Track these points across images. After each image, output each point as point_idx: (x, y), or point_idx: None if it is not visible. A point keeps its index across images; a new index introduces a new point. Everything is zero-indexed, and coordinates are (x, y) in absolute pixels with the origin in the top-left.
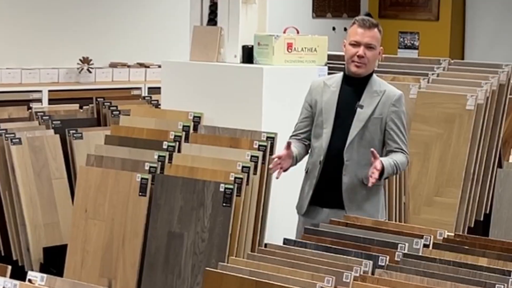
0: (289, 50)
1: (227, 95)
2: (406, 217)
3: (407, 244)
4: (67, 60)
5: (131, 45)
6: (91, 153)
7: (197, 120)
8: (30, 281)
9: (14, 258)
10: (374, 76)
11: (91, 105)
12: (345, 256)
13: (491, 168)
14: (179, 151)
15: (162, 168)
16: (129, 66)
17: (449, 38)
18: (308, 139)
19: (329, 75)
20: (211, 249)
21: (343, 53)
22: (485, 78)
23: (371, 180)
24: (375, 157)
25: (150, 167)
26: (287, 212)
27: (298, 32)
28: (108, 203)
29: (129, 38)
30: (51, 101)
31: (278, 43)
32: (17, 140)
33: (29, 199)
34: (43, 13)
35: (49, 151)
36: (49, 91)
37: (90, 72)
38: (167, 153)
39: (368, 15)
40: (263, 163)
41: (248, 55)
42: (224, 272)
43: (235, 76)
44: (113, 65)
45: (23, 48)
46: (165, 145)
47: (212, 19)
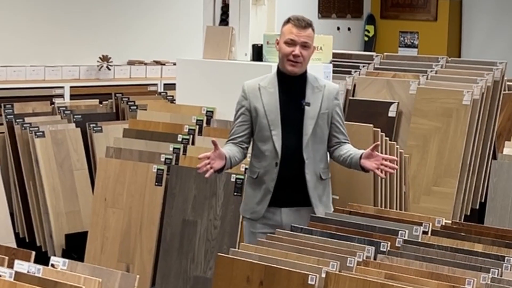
0: None
1: (238, 91)
2: (406, 205)
3: (407, 231)
4: (87, 58)
5: (148, 44)
6: (110, 146)
7: (209, 114)
8: (53, 266)
9: (38, 244)
10: (309, 72)
11: (110, 100)
12: (348, 242)
13: (486, 160)
14: (193, 143)
15: (177, 160)
16: (146, 64)
17: (446, 37)
18: (245, 142)
19: (260, 77)
20: (223, 235)
21: (278, 51)
22: (480, 75)
23: (392, 171)
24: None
25: (166, 158)
26: None
27: None
28: (126, 192)
29: (146, 37)
30: (72, 96)
31: None
32: (41, 133)
33: (52, 188)
34: (65, 14)
35: (70, 143)
36: (71, 87)
37: (109, 69)
38: (182, 145)
39: (370, 16)
40: None
41: (257, 53)
42: (235, 257)
43: (246, 73)
44: (131, 63)
45: (46, 46)
46: (179, 138)
47: (224, 20)
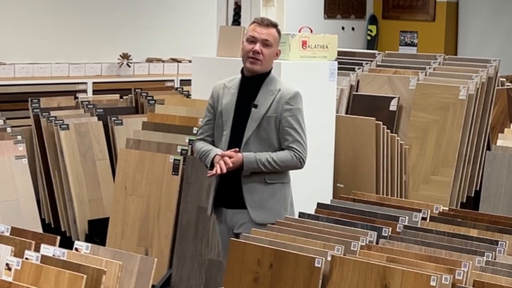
0: (304, 47)
1: None
2: (406, 193)
3: (407, 217)
4: (109, 55)
5: (165, 42)
6: (130, 137)
7: None
8: (76, 249)
9: (63, 230)
10: (272, 75)
11: (130, 95)
12: (353, 228)
13: (481, 151)
14: None
15: (192, 151)
16: (163, 61)
17: (444, 36)
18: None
19: (231, 77)
20: None
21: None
22: (475, 72)
23: (212, 172)
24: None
25: (182, 149)
26: (302, 190)
27: (311, 31)
28: (145, 181)
29: (164, 36)
30: (95, 92)
31: (294, 41)
32: (65, 126)
33: (75, 177)
34: (88, 15)
35: (93, 135)
36: (93, 83)
37: (129, 66)
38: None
39: (373, 16)
40: None
41: None
42: (247, 241)
43: None
44: (149, 60)
45: (70, 45)
46: (194, 130)
47: (236, 20)
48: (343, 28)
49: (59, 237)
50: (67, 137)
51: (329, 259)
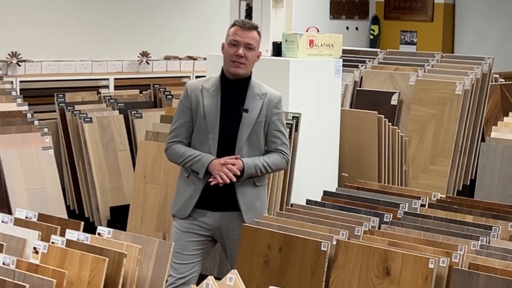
0: (311, 46)
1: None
2: (406, 182)
3: (407, 204)
4: (129, 53)
5: (182, 41)
6: (149, 130)
7: None
8: (99, 234)
9: (86, 216)
10: (253, 79)
11: (149, 90)
12: (356, 214)
13: (476, 142)
14: None
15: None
16: (180, 59)
17: (441, 35)
18: (190, 142)
19: (205, 77)
20: None
21: (223, 54)
22: (471, 69)
23: (216, 180)
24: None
25: None
26: (309, 179)
27: (318, 31)
28: (163, 170)
29: (180, 36)
30: (116, 87)
31: (302, 40)
32: (89, 119)
33: (98, 167)
34: (109, 16)
35: (114, 128)
36: (115, 79)
37: (148, 63)
38: None
39: (375, 17)
40: (289, 138)
41: (277, 49)
42: (258, 227)
43: (267, 67)
44: (167, 58)
45: (93, 44)
46: None
47: None
48: (347, 28)
49: (83, 223)
50: (90, 129)
51: (334, 243)
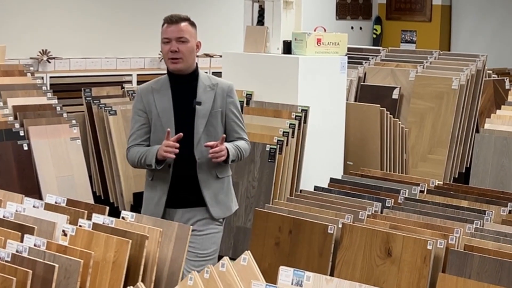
0: (318, 44)
1: (272, 78)
2: (406, 170)
3: (407, 190)
4: (150, 51)
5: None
6: None
7: (249, 96)
8: (123, 218)
9: (111, 201)
10: (201, 71)
11: None
12: (360, 199)
13: (470, 133)
14: None
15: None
16: (197, 56)
17: (439, 34)
18: (149, 144)
19: (154, 79)
20: (259, 194)
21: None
22: (466, 65)
23: (218, 159)
24: (221, 143)
25: None
26: (317, 167)
27: (325, 30)
28: None
29: (198, 34)
30: (138, 82)
31: (310, 38)
32: (113, 111)
33: (122, 156)
34: (133, 16)
35: None
36: (137, 74)
37: None
38: None
39: (378, 17)
40: (298, 129)
41: (287, 47)
42: (269, 211)
43: (278, 63)
44: None
45: (118, 42)
46: None
47: (260, 21)
48: (352, 28)
49: (108, 208)
50: (115, 121)
51: (340, 226)
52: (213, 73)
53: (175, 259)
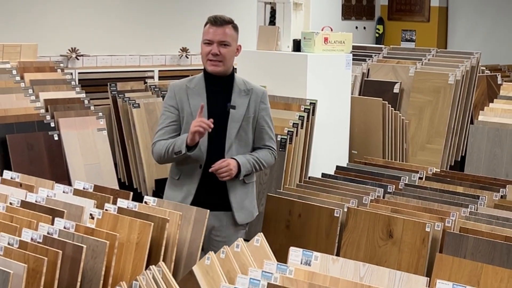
0: (325, 43)
1: (282, 74)
2: (406, 158)
3: (407, 177)
4: (171, 49)
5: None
6: None
7: None
8: (145, 203)
9: (135, 187)
10: (236, 75)
11: None
12: (364, 185)
13: (465, 125)
14: None
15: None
16: None
17: (436, 34)
18: None
19: (189, 77)
20: (271, 180)
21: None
22: (461, 62)
23: (224, 179)
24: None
25: None
26: (324, 156)
27: (331, 30)
28: None
29: None
30: (160, 78)
31: (318, 37)
32: (137, 105)
33: (145, 145)
34: (155, 16)
35: (158, 112)
36: (159, 71)
37: (187, 58)
38: None
39: (380, 18)
40: (307, 121)
41: (297, 46)
42: (280, 196)
43: (288, 60)
44: None
45: (141, 40)
46: None
47: (272, 21)
48: (356, 28)
49: (131, 193)
50: (138, 114)
51: (345, 210)
52: None
53: (194, 240)
